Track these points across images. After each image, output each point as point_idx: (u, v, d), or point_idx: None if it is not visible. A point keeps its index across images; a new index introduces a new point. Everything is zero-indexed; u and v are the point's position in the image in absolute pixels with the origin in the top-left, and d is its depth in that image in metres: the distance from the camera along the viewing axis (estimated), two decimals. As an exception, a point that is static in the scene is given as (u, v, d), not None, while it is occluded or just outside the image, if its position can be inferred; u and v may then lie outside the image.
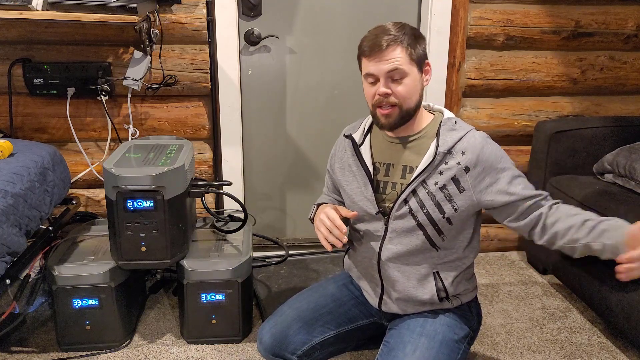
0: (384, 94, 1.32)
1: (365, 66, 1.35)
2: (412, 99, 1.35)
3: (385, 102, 1.33)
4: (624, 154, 2.08)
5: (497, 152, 1.36)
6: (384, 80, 1.32)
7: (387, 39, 1.31)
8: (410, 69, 1.33)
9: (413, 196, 1.37)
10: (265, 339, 1.48)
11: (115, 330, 1.82)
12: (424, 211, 1.37)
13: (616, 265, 1.21)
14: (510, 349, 1.87)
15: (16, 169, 1.68)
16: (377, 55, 1.31)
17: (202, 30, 2.20)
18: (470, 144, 1.35)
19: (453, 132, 1.37)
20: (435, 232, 1.38)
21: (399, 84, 1.33)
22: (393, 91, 1.33)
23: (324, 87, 2.43)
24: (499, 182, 1.35)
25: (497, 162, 1.35)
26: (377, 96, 1.34)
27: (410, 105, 1.35)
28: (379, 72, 1.32)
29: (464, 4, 2.28)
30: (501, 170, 1.35)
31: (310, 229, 2.64)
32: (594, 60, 2.42)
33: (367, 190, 1.43)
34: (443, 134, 1.37)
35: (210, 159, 2.38)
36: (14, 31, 2.14)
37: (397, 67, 1.31)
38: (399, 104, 1.34)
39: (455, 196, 1.35)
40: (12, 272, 1.61)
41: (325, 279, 1.68)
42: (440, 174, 1.35)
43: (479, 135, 1.38)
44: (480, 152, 1.35)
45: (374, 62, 1.32)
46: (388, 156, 1.45)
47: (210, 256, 1.87)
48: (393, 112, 1.34)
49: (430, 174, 1.36)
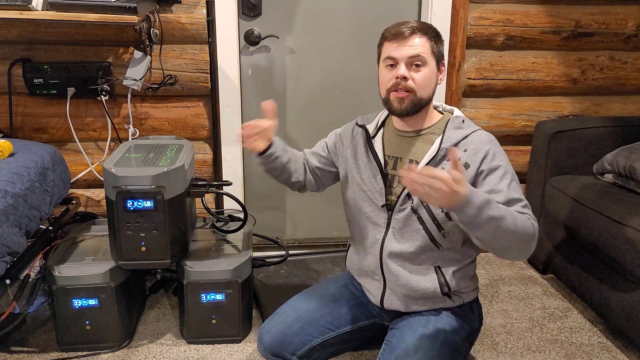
0: (402, 77, 1.35)
1: (387, 50, 1.37)
2: (426, 89, 1.37)
3: (402, 85, 1.35)
4: (624, 154, 2.08)
5: (498, 155, 1.37)
6: (404, 65, 1.35)
7: (413, 26, 1.35)
8: (430, 60, 1.36)
9: None
10: (265, 339, 1.48)
11: (115, 330, 1.82)
12: (424, 204, 1.38)
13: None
14: (510, 349, 1.87)
15: (16, 169, 1.68)
16: (401, 40, 1.35)
17: (202, 30, 2.20)
18: (474, 143, 1.37)
19: (459, 130, 1.39)
20: (436, 227, 1.39)
21: (417, 71, 1.35)
22: (411, 76, 1.35)
23: (324, 87, 2.43)
24: (491, 181, 1.34)
25: (496, 164, 1.35)
26: (394, 79, 1.36)
27: (423, 95, 1.37)
28: (401, 55, 1.35)
29: (464, 4, 2.28)
30: (497, 170, 1.34)
31: (310, 229, 2.65)
32: (594, 60, 2.42)
33: (377, 183, 1.46)
34: (449, 130, 1.39)
35: (210, 159, 2.38)
36: (14, 31, 2.14)
37: (420, 54, 1.34)
38: (414, 90, 1.36)
39: None
40: (12, 272, 1.60)
41: (326, 280, 1.69)
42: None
43: (485, 136, 1.39)
44: (483, 152, 1.35)
45: (397, 46, 1.35)
46: (397, 150, 1.47)
47: (210, 256, 1.87)
48: (407, 98, 1.36)
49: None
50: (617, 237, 1.79)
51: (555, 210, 2.19)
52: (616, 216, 1.83)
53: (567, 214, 2.08)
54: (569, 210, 2.07)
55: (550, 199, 2.23)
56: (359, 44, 2.37)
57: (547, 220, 2.27)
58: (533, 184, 2.40)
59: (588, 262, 1.99)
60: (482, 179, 1.35)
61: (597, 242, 1.89)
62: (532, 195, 2.40)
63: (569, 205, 2.07)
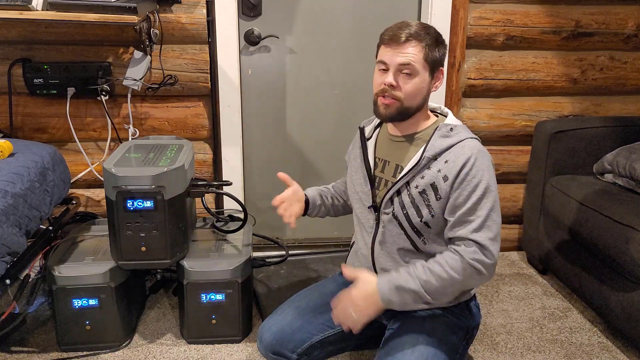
0: (389, 84, 1.34)
1: (381, 54, 1.37)
2: (414, 99, 1.36)
3: (388, 92, 1.35)
4: (624, 154, 2.08)
5: (475, 169, 1.31)
6: (394, 72, 1.34)
7: (409, 32, 1.33)
8: (422, 69, 1.34)
9: (397, 196, 1.40)
10: (265, 337, 1.48)
11: (115, 330, 1.82)
12: (404, 212, 1.39)
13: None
14: (510, 349, 1.87)
15: (16, 169, 1.68)
16: (395, 45, 1.33)
17: (202, 30, 2.20)
18: (456, 155, 1.33)
19: (444, 139, 1.36)
20: (415, 234, 1.40)
21: (407, 80, 1.34)
22: (399, 85, 1.34)
23: (324, 87, 2.43)
24: (458, 195, 1.32)
25: (470, 177, 1.31)
26: (382, 85, 1.36)
27: (411, 105, 1.36)
28: (392, 62, 1.34)
29: (464, 4, 2.28)
30: (469, 184, 1.31)
31: (311, 229, 2.65)
32: (594, 60, 2.42)
33: (365, 184, 1.48)
34: (434, 139, 1.37)
35: (210, 159, 2.38)
36: (14, 31, 2.14)
37: (410, 63, 1.33)
38: (401, 100, 1.35)
39: (433, 202, 1.36)
40: (12, 272, 1.60)
41: (326, 279, 1.69)
42: (422, 179, 1.36)
43: (469, 147, 1.34)
44: (461, 163, 1.32)
45: (390, 52, 1.34)
46: (386, 153, 1.48)
47: (210, 256, 1.87)
48: (392, 105, 1.36)
49: (413, 177, 1.37)
50: (617, 237, 1.79)
51: (555, 210, 2.19)
52: (616, 216, 1.83)
53: (567, 214, 2.08)
54: (569, 210, 2.07)
55: (550, 199, 2.23)
56: (359, 44, 2.37)
57: (547, 220, 2.27)
58: (533, 184, 2.40)
59: (588, 262, 1.99)
60: (453, 190, 1.33)
61: (597, 242, 1.89)
62: (532, 195, 2.40)
63: (569, 205, 2.07)
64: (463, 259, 1.30)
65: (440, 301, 1.36)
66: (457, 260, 1.30)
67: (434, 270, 1.31)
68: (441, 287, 1.31)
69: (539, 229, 2.32)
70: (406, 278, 1.31)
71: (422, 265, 1.33)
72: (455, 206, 1.33)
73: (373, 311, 1.33)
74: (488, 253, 1.30)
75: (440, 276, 1.30)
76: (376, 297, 1.32)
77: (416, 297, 1.30)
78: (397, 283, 1.31)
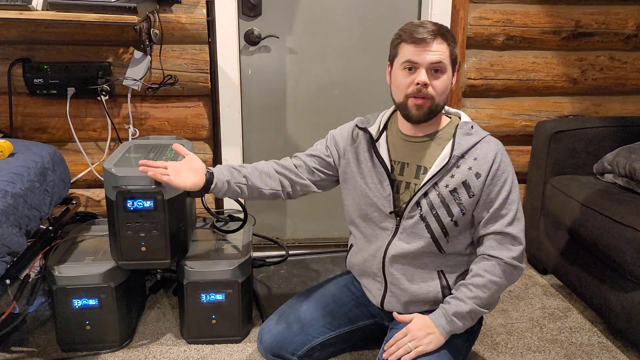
0: (423, 83, 1.32)
1: (407, 53, 1.33)
2: (443, 96, 1.36)
3: (423, 92, 1.33)
4: (624, 154, 2.08)
5: (503, 165, 1.37)
6: (426, 71, 1.32)
7: (434, 30, 1.32)
8: (449, 67, 1.35)
9: (424, 197, 1.37)
10: (265, 339, 1.48)
11: (115, 330, 1.82)
12: (433, 213, 1.37)
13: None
14: (510, 349, 1.87)
15: (16, 169, 1.68)
16: (423, 44, 1.31)
17: (202, 30, 2.20)
18: (484, 152, 1.36)
19: (469, 137, 1.38)
20: (442, 233, 1.39)
21: (437, 77, 1.34)
22: (431, 83, 1.33)
23: (324, 87, 2.43)
24: (490, 191, 1.36)
25: (500, 175, 1.36)
26: (413, 85, 1.33)
27: (440, 102, 1.36)
28: (423, 61, 1.31)
29: (464, 4, 2.28)
30: (499, 181, 1.36)
31: (310, 229, 2.65)
32: (594, 60, 2.42)
33: (384, 189, 1.43)
34: (459, 137, 1.37)
35: (210, 159, 2.38)
36: (14, 31, 2.14)
37: (442, 61, 1.32)
38: (433, 97, 1.34)
39: (465, 200, 1.36)
40: (12, 272, 1.60)
41: (326, 280, 1.68)
42: (452, 177, 1.35)
43: (493, 144, 1.38)
44: (492, 161, 1.35)
45: (419, 50, 1.31)
46: (402, 155, 1.44)
47: (210, 256, 1.87)
48: (425, 104, 1.34)
49: (442, 177, 1.36)
50: (617, 237, 1.79)
51: (555, 210, 2.19)
52: (616, 216, 1.83)
53: (567, 214, 2.08)
54: (569, 210, 2.07)
55: (551, 199, 2.23)
56: (359, 44, 2.37)
57: (547, 221, 2.27)
58: (533, 184, 2.40)
59: (588, 262, 1.99)
60: (486, 187, 1.35)
61: (597, 242, 1.89)
62: (532, 195, 2.40)
63: (569, 205, 2.07)
64: (500, 262, 1.34)
65: (493, 307, 1.40)
66: (495, 265, 1.34)
67: (478, 284, 1.34)
68: (490, 295, 1.35)
69: (539, 229, 2.32)
70: (456, 303, 1.35)
71: (462, 286, 1.37)
72: (487, 202, 1.35)
73: (429, 341, 1.35)
74: (518, 243, 1.36)
75: (485, 286, 1.34)
76: (433, 329, 1.35)
77: (473, 314, 1.36)
78: (451, 311, 1.35)
